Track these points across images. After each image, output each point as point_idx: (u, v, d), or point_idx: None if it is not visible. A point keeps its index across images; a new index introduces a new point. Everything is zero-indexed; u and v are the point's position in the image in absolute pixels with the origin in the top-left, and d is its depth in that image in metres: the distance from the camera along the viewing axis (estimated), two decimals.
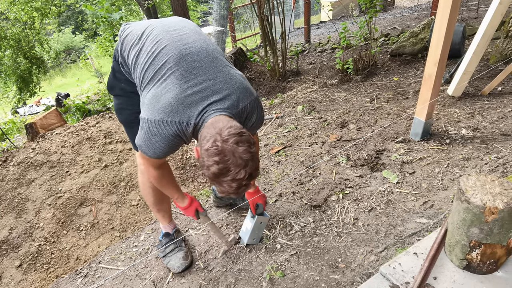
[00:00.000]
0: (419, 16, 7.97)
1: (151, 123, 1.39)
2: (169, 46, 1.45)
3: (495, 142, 2.46)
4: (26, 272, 2.64)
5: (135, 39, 1.57)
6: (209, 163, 1.25)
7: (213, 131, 1.27)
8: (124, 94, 1.72)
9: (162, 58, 1.43)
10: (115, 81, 1.73)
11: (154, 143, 1.43)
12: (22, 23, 8.73)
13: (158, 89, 1.40)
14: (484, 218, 1.20)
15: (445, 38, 2.23)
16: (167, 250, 2.02)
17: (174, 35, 1.50)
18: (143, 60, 1.48)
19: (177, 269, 1.95)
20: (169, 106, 1.36)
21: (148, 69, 1.46)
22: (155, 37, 1.50)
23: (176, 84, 1.38)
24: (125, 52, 1.61)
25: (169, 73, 1.40)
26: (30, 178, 3.70)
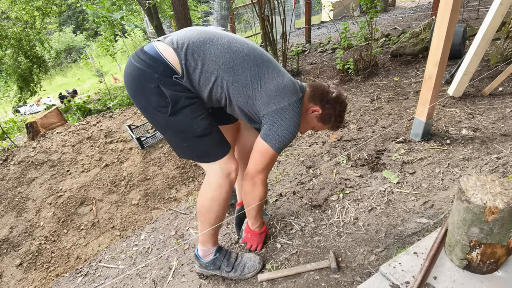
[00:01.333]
0: (419, 16, 7.97)
1: (295, 104, 1.58)
2: (244, 52, 1.57)
3: (496, 143, 2.46)
4: (26, 271, 2.65)
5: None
6: (339, 104, 1.70)
7: (322, 89, 1.70)
8: (192, 101, 1.55)
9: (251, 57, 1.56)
10: (175, 93, 1.50)
11: (297, 124, 1.61)
12: (23, 22, 8.73)
13: (274, 80, 1.56)
14: (484, 218, 1.20)
15: (445, 38, 2.23)
16: (231, 261, 1.87)
17: (235, 41, 1.60)
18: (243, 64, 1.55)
19: (259, 265, 1.87)
20: (292, 86, 1.60)
21: (251, 69, 1.56)
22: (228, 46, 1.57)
23: (276, 74, 1.58)
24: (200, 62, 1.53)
25: (265, 68, 1.57)
26: (31, 177, 3.70)
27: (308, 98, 1.70)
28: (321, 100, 1.69)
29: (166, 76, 1.49)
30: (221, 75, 1.52)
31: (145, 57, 1.50)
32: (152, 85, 1.49)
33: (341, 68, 4.65)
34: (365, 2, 4.31)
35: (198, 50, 1.50)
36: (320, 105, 1.69)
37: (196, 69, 1.50)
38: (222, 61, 1.51)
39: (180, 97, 1.51)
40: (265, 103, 1.56)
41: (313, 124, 1.78)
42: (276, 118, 1.56)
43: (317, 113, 1.71)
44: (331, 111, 1.70)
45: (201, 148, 1.64)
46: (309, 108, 1.70)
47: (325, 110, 1.70)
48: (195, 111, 1.56)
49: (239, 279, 1.85)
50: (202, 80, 1.52)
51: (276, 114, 1.56)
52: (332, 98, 1.69)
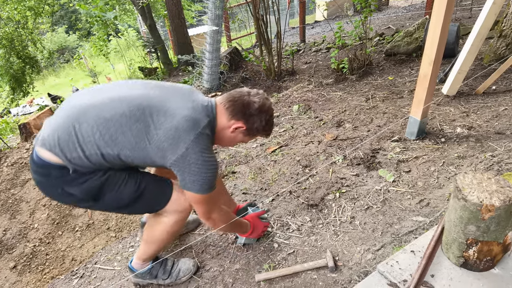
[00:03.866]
0: (413, 16, 8.01)
1: (195, 144, 1.39)
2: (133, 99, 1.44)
3: (490, 141, 2.48)
4: (20, 274, 2.62)
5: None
6: (264, 114, 1.54)
7: (242, 101, 1.51)
8: (104, 179, 1.47)
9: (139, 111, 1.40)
10: (82, 186, 1.44)
11: (208, 160, 1.43)
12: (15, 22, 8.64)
13: (162, 128, 1.38)
14: (481, 216, 1.21)
15: (440, 37, 2.24)
16: (168, 269, 1.88)
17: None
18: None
19: (193, 268, 1.90)
20: (185, 124, 1.39)
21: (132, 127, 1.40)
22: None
23: (163, 118, 1.40)
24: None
25: (148, 118, 1.39)
26: (24, 178, 3.66)
27: (228, 115, 1.52)
28: (244, 115, 1.51)
29: (63, 177, 1.42)
30: (105, 151, 1.39)
31: (36, 167, 1.44)
32: (58, 190, 1.45)
33: (336, 67, 4.66)
34: (359, 1, 4.33)
35: (68, 138, 1.37)
36: (244, 120, 1.53)
37: (81, 157, 1.38)
38: (98, 137, 1.37)
39: (89, 186, 1.44)
40: (162, 157, 1.41)
41: (239, 139, 1.63)
42: (181, 167, 1.41)
43: (242, 129, 1.55)
44: (257, 123, 1.55)
45: (144, 207, 1.62)
46: (231, 126, 1.53)
47: (250, 124, 1.54)
48: (112, 185, 1.48)
49: (175, 284, 1.88)
50: (94, 161, 1.41)
51: (179, 163, 1.40)
52: (255, 109, 1.51)
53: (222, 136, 1.58)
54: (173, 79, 7.06)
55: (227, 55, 5.66)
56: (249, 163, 2.98)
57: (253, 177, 2.74)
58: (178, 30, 7.63)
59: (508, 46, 3.68)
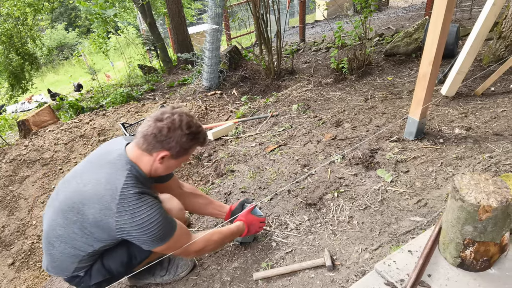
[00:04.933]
0: (413, 16, 8.02)
1: (123, 201, 1.40)
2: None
3: (488, 142, 2.49)
4: (18, 270, 2.62)
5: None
6: (179, 130, 1.46)
7: (152, 131, 1.46)
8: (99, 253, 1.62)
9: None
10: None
11: (149, 215, 1.42)
12: (14, 18, 8.61)
13: (91, 209, 1.44)
14: (478, 216, 1.22)
15: (439, 38, 2.24)
16: (165, 265, 1.91)
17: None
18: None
19: (190, 263, 1.94)
20: (103, 189, 1.42)
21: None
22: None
23: (91, 204, 1.45)
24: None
25: (80, 207, 1.47)
26: (23, 175, 3.66)
27: (148, 150, 1.48)
28: (160, 143, 1.46)
29: (82, 280, 1.63)
30: (83, 254, 1.55)
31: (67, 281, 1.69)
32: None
33: (335, 67, 4.67)
34: (359, 1, 4.33)
35: (60, 264, 1.59)
36: (162, 147, 1.47)
37: (76, 267, 1.59)
38: (68, 251, 1.54)
39: (96, 269, 1.62)
40: (111, 236, 1.46)
41: (174, 165, 1.58)
42: (127, 235, 1.44)
43: (167, 156, 1.49)
44: (179, 143, 1.48)
45: (144, 252, 1.63)
46: (156, 159, 1.49)
47: (171, 148, 1.48)
48: (108, 255, 1.63)
49: (173, 281, 1.88)
50: (86, 261, 1.60)
51: (123, 234, 1.43)
52: (166, 132, 1.45)
53: (155, 171, 1.55)
54: (173, 77, 7.05)
55: (227, 54, 5.66)
56: (248, 162, 2.99)
57: (252, 176, 2.75)
58: (178, 28, 7.63)
59: (507, 47, 3.69)
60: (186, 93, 5.52)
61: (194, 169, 3.25)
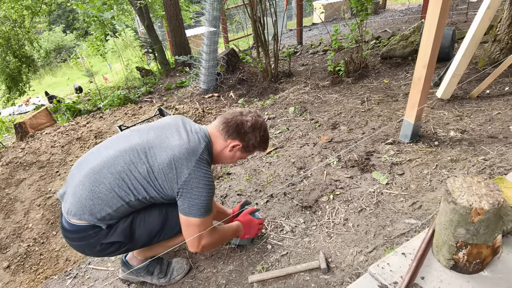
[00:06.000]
0: (409, 19, 8.06)
1: (196, 169, 1.50)
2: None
3: (483, 144, 2.50)
4: (14, 273, 2.61)
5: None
6: (258, 130, 1.66)
7: (235, 121, 1.64)
8: (131, 217, 1.62)
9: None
10: (116, 231, 1.60)
11: (208, 184, 1.53)
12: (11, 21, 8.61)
13: (163, 163, 1.50)
14: (470, 219, 1.23)
15: (434, 41, 2.26)
16: (164, 268, 1.91)
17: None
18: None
19: (186, 267, 1.94)
20: (184, 152, 1.51)
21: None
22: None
23: (161, 152, 1.53)
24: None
25: (150, 156, 1.54)
26: (19, 178, 3.66)
27: (224, 135, 1.66)
28: (239, 133, 1.65)
29: (98, 234, 1.57)
30: (127, 199, 1.53)
31: (70, 234, 1.59)
32: (97, 247, 1.59)
33: (332, 69, 4.69)
34: (356, 4, 4.36)
35: (92, 203, 1.51)
36: (239, 138, 1.66)
37: (110, 213, 1.53)
38: (118, 191, 1.52)
39: (121, 231, 1.58)
40: (171, 188, 1.53)
41: (238, 156, 1.75)
42: (183, 192, 1.52)
43: (239, 146, 1.68)
44: (253, 140, 1.68)
45: (172, 229, 1.68)
46: (228, 145, 1.67)
47: (245, 141, 1.67)
48: (139, 220, 1.62)
49: (169, 284, 1.89)
50: (121, 212, 1.57)
51: (183, 190, 1.51)
52: (249, 127, 1.65)
53: (221, 156, 1.70)
54: (170, 79, 7.06)
55: (224, 57, 5.68)
56: (244, 164, 2.99)
57: (248, 178, 2.75)
58: (175, 30, 7.64)
59: (502, 50, 3.71)
60: (184, 96, 5.53)
61: None
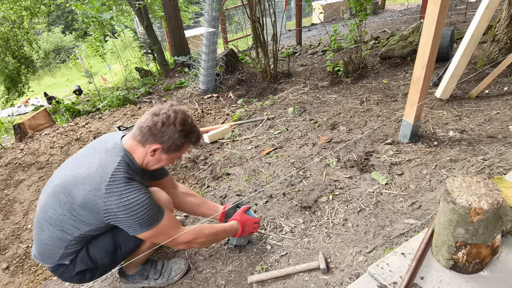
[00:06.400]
0: (408, 19, 8.06)
1: (113, 184, 1.43)
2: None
3: (482, 144, 2.51)
4: (13, 275, 2.61)
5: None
6: (173, 126, 1.52)
7: (147, 124, 1.52)
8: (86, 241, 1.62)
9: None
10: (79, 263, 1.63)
11: (136, 199, 1.44)
12: (10, 22, 8.60)
13: (81, 191, 1.46)
14: (469, 219, 1.23)
15: (433, 41, 2.26)
16: (158, 269, 1.91)
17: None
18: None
19: (184, 267, 1.94)
20: (94, 172, 1.46)
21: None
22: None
23: (79, 186, 1.48)
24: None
25: (68, 189, 1.50)
26: (18, 179, 3.65)
27: (142, 142, 1.54)
28: (154, 136, 1.51)
29: (67, 269, 1.62)
30: (68, 243, 1.55)
31: (53, 273, 1.69)
32: (76, 278, 1.64)
33: (331, 70, 4.69)
34: (354, 5, 4.36)
35: (45, 250, 1.60)
36: (155, 141, 1.53)
37: (63, 253, 1.58)
38: (55, 237, 1.54)
39: (81, 258, 1.61)
40: (98, 219, 1.48)
41: (165, 158, 1.62)
42: (113, 218, 1.45)
43: (159, 149, 1.55)
44: (171, 138, 1.53)
45: (130, 241, 1.66)
46: (149, 151, 1.55)
47: (163, 142, 1.53)
48: (93, 244, 1.62)
49: (167, 284, 1.89)
50: (71, 249, 1.59)
51: (110, 217, 1.45)
52: (160, 126, 1.51)
53: (148, 162, 1.60)
54: (169, 80, 7.06)
55: (223, 57, 5.68)
56: (243, 165, 2.99)
57: (247, 179, 2.75)
58: (174, 31, 7.64)
59: (501, 50, 3.72)
60: (183, 96, 5.53)
61: (190, 172, 3.25)
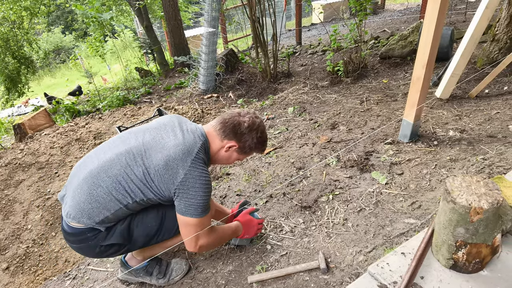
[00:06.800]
0: (408, 19, 8.06)
1: (192, 168, 1.49)
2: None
3: (482, 144, 2.51)
4: (13, 275, 2.61)
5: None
6: (255, 132, 1.63)
7: (233, 121, 1.62)
8: (129, 219, 1.63)
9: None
10: (115, 234, 1.60)
11: (205, 183, 1.51)
12: (10, 22, 8.61)
13: (159, 164, 1.49)
14: (469, 218, 1.23)
15: (432, 41, 2.26)
16: (163, 268, 1.91)
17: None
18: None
19: (185, 268, 1.94)
20: (180, 152, 1.50)
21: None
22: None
23: (157, 154, 1.52)
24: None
25: (146, 159, 1.52)
26: (18, 179, 3.65)
27: (221, 135, 1.64)
28: (235, 134, 1.63)
29: (97, 237, 1.58)
30: (125, 202, 1.53)
31: (71, 236, 1.60)
32: (97, 249, 1.60)
33: (331, 70, 4.69)
34: (354, 4, 4.36)
35: (91, 207, 1.52)
36: (236, 139, 1.64)
37: (108, 216, 1.54)
38: (115, 194, 1.52)
39: (119, 232, 1.59)
40: (167, 189, 1.51)
41: (235, 158, 1.72)
42: (180, 192, 1.50)
43: (235, 147, 1.66)
44: (249, 141, 1.65)
45: (170, 230, 1.68)
46: (224, 146, 1.64)
47: (242, 142, 1.65)
48: (136, 221, 1.63)
49: (168, 284, 1.89)
50: (119, 214, 1.57)
51: (179, 190, 1.50)
52: (246, 128, 1.62)
53: (218, 156, 1.68)
54: (169, 80, 7.05)
55: (223, 57, 5.68)
56: (243, 165, 2.99)
57: (247, 179, 2.75)
58: (174, 31, 7.64)
59: (500, 50, 3.72)
60: (183, 96, 5.53)
61: None
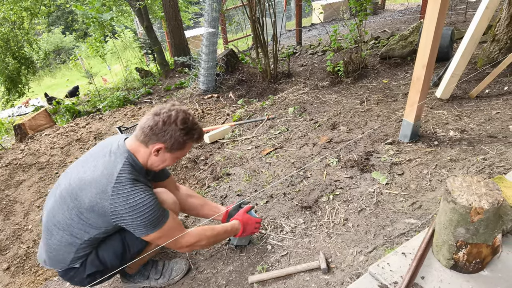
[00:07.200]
0: (408, 19, 8.07)
1: (119, 185, 1.45)
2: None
3: (482, 144, 2.51)
4: (14, 275, 2.61)
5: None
6: (174, 124, 1.53)
7: (149, 124, 1.53)
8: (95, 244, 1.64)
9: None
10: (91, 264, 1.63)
11: (142, 200, 1.46)
12: (10, 22, 8.61)
13: (87, 195, 1.47)
14: (470, 218, 1.23)
15: (433, 41, 2.26)
16: (159, 269, 1.92)
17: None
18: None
19: (185, 267, 1.94)
20: (99, 175, 1.47)
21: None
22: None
23: (85, 189, 1.49)
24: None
25: (78, 194, 1.50)
26: (19, 179, 3.65)
27: (145, 142, 1.55)
28: (156, 135, 1.52)
29: (77, 273, 1.63)
30: (79, 247, 1.56)
31: (63, 277, 1.69)
32: (86, 281, 1.63)
33: (331, 70, 4.69)
34: (354, 5, 4.36)
35: (55, 254, 1.60)
36: (158, 140, 1.53)
37: (73, 258, 1.59)
38: (67, 239, 1.55)
39: (90, 260, 1.62)
40: (106, 221, 1.49)
41: (170, 157, 1.62)
42: (120, 220, 1.46)
43: (162, 148, 1.56)
44: (173, 136, 1.54)
45: (137, 244, 1.67)
46: (152, 151, 1.56)
47: (166, 141, 1.54)
48: (103, 247, 1.64)
49: (168, 285, 1.89)
50: (81, 253, 1.60)
51: (117, 219, 1.46)
52: (162, 125, 1.52)
53: (151, 163, 1.61)
54: (170, 80, 7.06)
55: (224, 57, 5.68)
56: (244, 165, 2.99)
57: (247, 179, 2.75)
58: (174, 31, 7.64)
59: (501, 50, 3.72)
60: (183, 97, 5.53)
61: (191, 173, 3.25)
